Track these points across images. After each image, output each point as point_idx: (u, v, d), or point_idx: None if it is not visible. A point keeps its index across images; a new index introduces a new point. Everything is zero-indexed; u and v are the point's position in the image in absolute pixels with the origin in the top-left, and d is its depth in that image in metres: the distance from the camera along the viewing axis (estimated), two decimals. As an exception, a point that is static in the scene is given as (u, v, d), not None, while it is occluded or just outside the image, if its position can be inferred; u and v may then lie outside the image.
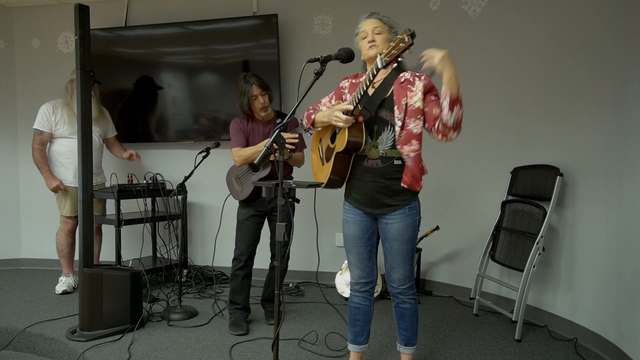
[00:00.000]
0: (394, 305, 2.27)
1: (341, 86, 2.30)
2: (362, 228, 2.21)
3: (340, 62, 2.06)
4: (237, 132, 3.00)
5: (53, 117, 3.73)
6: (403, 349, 2.30)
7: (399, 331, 2.29)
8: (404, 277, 2.18)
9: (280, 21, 4.01)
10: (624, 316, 2.61)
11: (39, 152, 3.74)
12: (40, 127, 3.72)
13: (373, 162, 2.09)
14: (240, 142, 2.98)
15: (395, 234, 2.13)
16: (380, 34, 2.11)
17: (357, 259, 2.25)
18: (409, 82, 2.09)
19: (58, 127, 3.75)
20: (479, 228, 3.51)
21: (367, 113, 2.07)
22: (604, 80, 2.84)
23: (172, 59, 4.28)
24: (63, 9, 4.54)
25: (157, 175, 3.86)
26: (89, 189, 2.93)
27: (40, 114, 3.75)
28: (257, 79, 2.92)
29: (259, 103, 2.93)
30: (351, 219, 2.23)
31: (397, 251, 2.15)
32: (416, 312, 2.26)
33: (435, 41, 3.66)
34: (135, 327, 2.95)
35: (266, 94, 2.94)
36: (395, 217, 2.12)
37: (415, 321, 2.26)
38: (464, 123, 2.06)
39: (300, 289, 3.96)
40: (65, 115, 3.73)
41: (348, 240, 2.25)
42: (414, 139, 2.07)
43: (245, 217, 3.02)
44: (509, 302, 3.31)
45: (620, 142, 2.70)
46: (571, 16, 3.05)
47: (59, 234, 3.86)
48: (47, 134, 3.73)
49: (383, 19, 2.14)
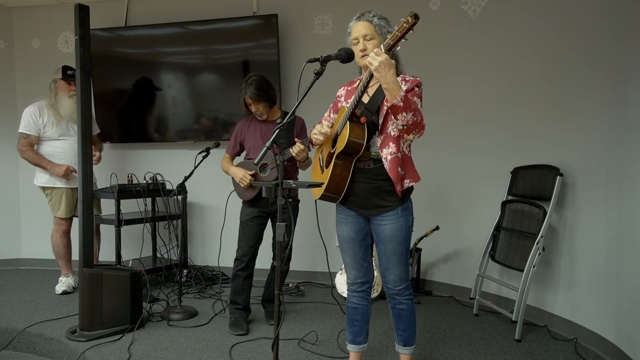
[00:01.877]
0: (391, 306, 2.26)
1: (338, 95, 2.30)
2: (355, 229, 2.20)
3: (340, 62, 2.06)
4: (233, 137, 3.13)
5: (40, 119, 3.68)
6: (402, 349, 2.30)
7: (397, 332, 2.29)
8: (399, 278, 2.17)
9: (280, 21, 4.01)
10: (624, 316, 2.61)
11: (30, 151, 3.69)
12: (27, 130, 3.67)
13: (365, 163, 2.09)
14: (230, 149, 3.14)
15: (389, 236, 2.12)
16: (372, 40, 2.06)
17: (352, 260, 2.25)
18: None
19: (46, 129, 3.70)
20: (479, 228, 3.51)
21: (369, 114, 2.06)
22: (604, 80, 2.84)
23: (172, 59, 4.28)
24: (63, 9, 4.54)
25: (157, 175, 3.86)
26: (89, 189, 2.93)
27: (25, 118, 3.68)
28: (252, 89, 2.89)
29: (253, 110, 2.98)
30: (344, 220, 2.22)
31: (392, 253, 2.14)
32: (413, 313, 2.25)
33: (435, 41, 3.69)
34: (135, 327, 2.94)
35: (260, 103, 2.94)
36: (388, 219, 2.11)
37: (412, 321, 2.26)
38: (464, 123, 2.05)
39: (300, 289, 3.96)
40: (52, 116, 3.69)
41: (342, 241, 2.25)
42: (391, 142, 2.05)
43: (248, 217, 3.02)
44: (509, 302, 3.31)
45: (621, 142, 2.70)
46: (571, 16, 3.05)
47: (54, 236, 3.84)
48: (34, 137, 3.69)
49: (373, 21, 2.07)
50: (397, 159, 2.05)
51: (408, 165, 2.13)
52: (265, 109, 2.97)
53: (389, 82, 1.85)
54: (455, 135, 3.70)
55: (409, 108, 1.89)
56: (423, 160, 2.22)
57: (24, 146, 3.70)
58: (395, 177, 2.05)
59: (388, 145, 2.05)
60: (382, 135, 2.06)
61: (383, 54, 1.84)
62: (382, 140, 2.06)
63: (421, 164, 2.20)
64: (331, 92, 3.17)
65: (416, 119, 1.93)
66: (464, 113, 3.66)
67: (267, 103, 2.95)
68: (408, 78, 2.08)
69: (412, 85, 2.05)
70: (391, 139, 2.05)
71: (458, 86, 3.68)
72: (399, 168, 2.06)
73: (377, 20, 2.08)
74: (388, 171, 2.05)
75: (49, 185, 3.77)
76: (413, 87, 2.05)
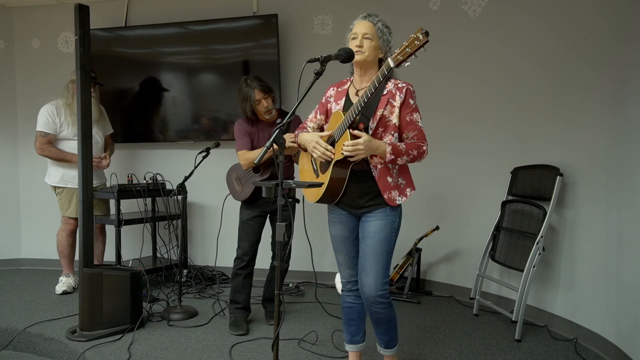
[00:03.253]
0: (369, 312, 2.16)
1: (327, 95, 2.27)
2: (348, 228, 2.20)
3: (340, 62, 2.05)
4: (241, 135, 2.96)
5: (57, 118, 3.67)
6: (384, 351, 2.27)
7: (377, 335, 2.25)
8: (374, 283, 2.06)
9: (280, 21, 4.01)
10: (624, 316, 2.61)
11: (51, 147, 3.67)
12: (46, 129, 3.65)
13: (359, 164, 2.09)
14: (245, 145, 2.94)
15: (372, 232, 2.09)
16: (369, 40, 2.06)
17: (346, 259, 2.25)
18: (391, 94, 2.07)
19: (62, 129, 3.69)
20: (479, 228, 3.51)
21: (365, 120, 2.05)
22: (604, 80, 2.84)
23: (172, 59, 4.28)
24: (63, 9, 4.54)
25: (157, 175, 3.86)
26: (89, 189, 2.93)
27: (43, 116, 3.66)
28: (258, 82, 2.86)
29: (263, 107, 2.89)
30: (336, 219, 2.22)
31: (371, 250, 2.07)
32: (393, 317, 2.18)
33: (435, 41, 3.67)
34: (135, 327, 2.94)
35: (269, 96, 2.90)
36: (375, 215, 2.10)
37: (393, 325, 2.20)
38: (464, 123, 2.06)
39: (300, 289, 3.96)
40: (68, 116, 3.69)
41: (336, 240, 2.25)
42: None
43: (248, 217, 3.02)
44: (509, 302, 3.31)
45: (621, 141, 2.70)
46: (571, 15, 3.05)
47: (60, 235, 3.84)
48: (52, 135, 3.67)
49: (377, 25, 2.08)
50: (387, 169, 2.07)
51: (407, 175, 2.15)
52: (274, 101, 2.95)
53: (376, 151, 1.99)
54: (455, 135, 3.70)
55: (400, 155, 2.01)
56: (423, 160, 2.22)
57: (42, 144, 3.67)
58: (384, 186, 2.06)
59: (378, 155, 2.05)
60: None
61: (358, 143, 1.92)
62: None
63: (421, 164, 2.19)
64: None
65: (412, 156, 2.04)
66: (464, 113, 3.66)
67: (274, 95, 2.94)
68: (401, 85, 2.08)
69: (406, 98, 2.05)
70: None
71: (458, 86, 3.68)
72: (388, 178, 2.07)
73: (381, 25, 2.09)
74: (377, 180, 2.06)
75: (61, 185, 3.76)
76: (407, 100, 2.06)
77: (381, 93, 2.07)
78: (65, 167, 3.74)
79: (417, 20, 3.61)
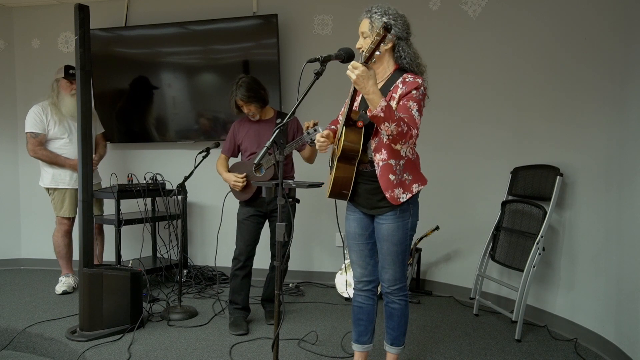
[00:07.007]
0: (385, 303, 2.26)
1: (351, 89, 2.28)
2: (362, 225, 2.21)
3: (340, 62, 2.05)
4: (228, 139, 3.15)
5: (44, 117, 3.69)
6: (389, 347, 2.29)
7: (386, 329, 2.29)
8: (393, 279, 2.17)
9: (280, 21, 4.01)
10: (624, 316, 2.61)
11: (43, 150, 3.69)
12: (35, 129, 3.66)
13: (364, 165, 2.10)
14: (226, 149, 3.15)
15: (385, 235, 2.12)
16: (367, 39, 2.05)
17: (358, 257, 2.25)
18: (396, 88, 2.03)
19: (50, 128, 3.70)
20: (479, 228, 3.51)
21: (366, 117, 2.02)
22: (604, 80, 2.84)
23: (172, 59, 4.28)
24: (63, 9, 4.54)
25: (157, 175, 3.86)
26: (89, 189, 2.93)
27: (31, 117, 3.68)
28: (242, 90, 2.91)
29: (245, 111, 3.00)
30: (352, 217, 2.24)
31: (387, 252, 2.14)
32: (406, 314, 2.24)
33: (436, 41, 3.69)
34: (135, 327, 2.94)
35: (251, 104, 2.95)
36: (387, 218, 2.11)
37: (403, 322, 2.25)
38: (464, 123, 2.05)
39: (300, 289, 3.96)
40: (54, 115, 3.70)
41: (350, 237, 2.26)
42: (383, 148, 2.04)
43: (245, 216, 3.03)
44: (509, 302, 3.31)
45: (621, 142, 2.70)
46: (572, 15, 3.05)
47: (56, 235, 3.84)
48: (42, 135, 3.68)
49: (372, 18, 2.04)
50: (389, 166, 2.05)
51: (413, 170, 2.12)
52: (257, 109, 2.98)
53: (369, 93, 1.85)
54: (455, 135, 3.70)
55: (390, 118, 1.85)
56: (423, 160, 2.22)
57: (34, 146, 3.68)
58: (385, 184, 2.05)
59: (380, 151, 2.05)
60: (376, 138, 2.07)
61: (360, 66, 1.83)
62: (376, 145, 2.07)
63: (421, 164, 2.20)
64: (331, 92, 3.17)
65: (401, 129, 1.87)
66: (464, 113, 3.66)
67: (258, 103, 2.97)
68: (409, 79, 2.02)
69: (408, 89, 1.99)
70: (383, 145, 2.05)
71: (458, 86, 3.67)
72: (390, 175, 2.05)
73: (375, 17, 2.04)
74: (378, 177, 2.06)
75: (52, 187, 3.77)
76: (410, 90, 1.98)
77: (389, 88, 2.06)
78: (56, 168, 3.74)
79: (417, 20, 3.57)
